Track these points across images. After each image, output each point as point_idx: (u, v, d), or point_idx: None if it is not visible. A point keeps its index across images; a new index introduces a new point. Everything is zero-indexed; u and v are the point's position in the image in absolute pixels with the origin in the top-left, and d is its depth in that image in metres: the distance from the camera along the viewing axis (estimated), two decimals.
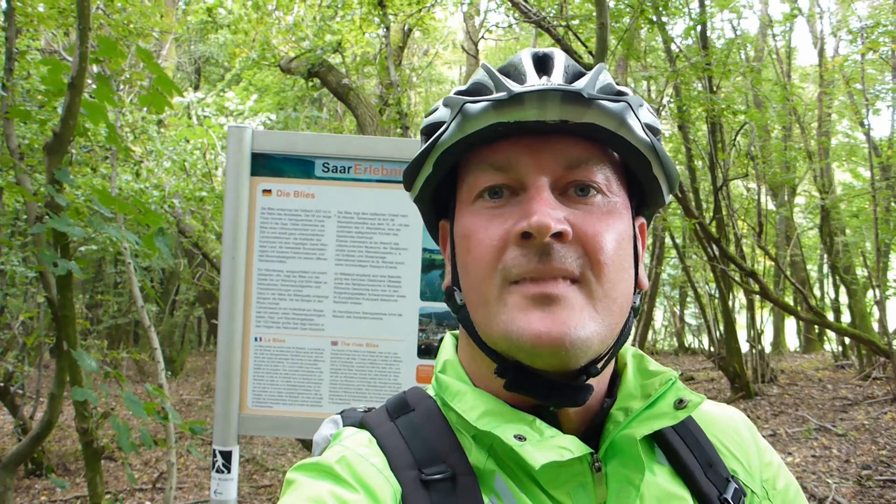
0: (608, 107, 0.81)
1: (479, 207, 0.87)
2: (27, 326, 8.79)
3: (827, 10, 21.54)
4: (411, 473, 0.83)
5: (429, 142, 0.90)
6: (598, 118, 0.81)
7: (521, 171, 0.84)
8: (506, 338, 0.82)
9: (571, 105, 0.80)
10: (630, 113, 0.83)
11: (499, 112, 0.81)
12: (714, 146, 10.35)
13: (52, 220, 3.01)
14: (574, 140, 0.85)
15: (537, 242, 0.80)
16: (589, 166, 0.85)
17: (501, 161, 0.85)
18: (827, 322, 10.91)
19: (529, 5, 8.32)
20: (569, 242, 0.81)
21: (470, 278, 0.87)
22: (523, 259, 0.81)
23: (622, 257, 0.85)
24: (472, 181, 0.89)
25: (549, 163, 0.84)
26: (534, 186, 0.83)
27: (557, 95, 0.79)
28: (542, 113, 0.80)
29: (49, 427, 3.93)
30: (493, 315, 0.84)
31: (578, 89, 0.79)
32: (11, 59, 3.97)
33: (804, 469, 7.03)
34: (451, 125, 0.86)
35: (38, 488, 7.32)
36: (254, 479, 7.84)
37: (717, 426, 1.01)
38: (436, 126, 0.91)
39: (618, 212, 0.86)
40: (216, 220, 8.98)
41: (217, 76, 18.00)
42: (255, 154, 2.37)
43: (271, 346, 2.37)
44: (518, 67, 0.89)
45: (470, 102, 0.83)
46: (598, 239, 0.82)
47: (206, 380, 14.41)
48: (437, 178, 0.93)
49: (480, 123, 0.83)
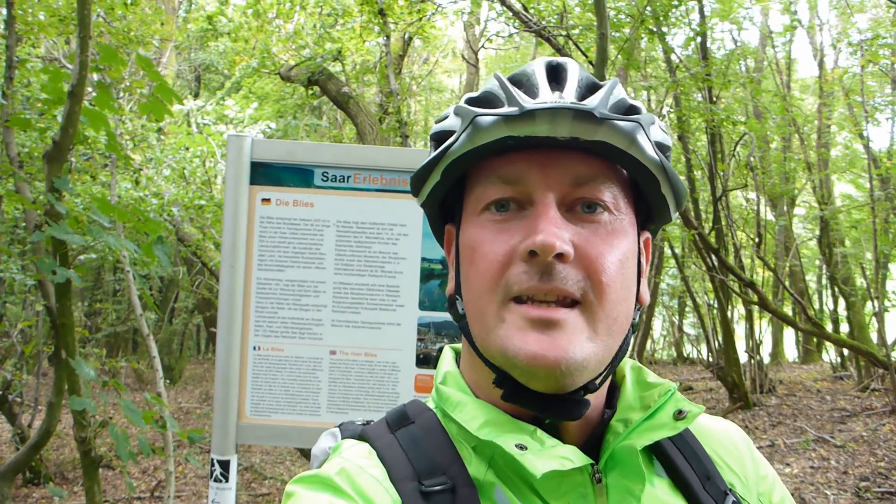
0: (619, 126, 0.81)
1: (485, 220, 0.87)
2: (26, 334, 8.77)
3: (827, 22, 21.60)
4: (411, 485, 0.82)
5: (438, 150, 0.89)
6: (609, 136, 0.81)
7: (530, 186, 0.84)
8: (502, 354, 0.82)
9: (583, 123, 0.80)
10: (641, 132, 0.82)
11: (510, 126, 0.81)
12: (713, 157, 10.36)
13: (52, 228, 3.01)
14: (583, 156, 0.84)
15: (540, 261, 0.80)
16: (597, 184, 0.85)
17: (510, 174, 0.85)
18: (825, 333, 10.92)
19: (530, 15, 8.34)
20: (571, 263, 0.81)
21: (472, 290, 0.88)
22: (525, 276, 0.81)
23: (625, 277, 0.85)
24: (479, 192, 0.89)
25: (557, 179, 0.83)
26: (541, 203, 0.82)
27: (569, 114, 0.79)
28: (553, 129, 0.80)
29: (47, 436, 3.93)
30: (491, 329, 0.84)
31: (590, 108, 0.79)
32: (12, 67, 3.97)
33: (802, 480, 7.02)
34: (462, 136, 0.85)
35: (35, 497, 7.30)
36: (252, 488, 7.82)
37: (715, 439, 1.01)
38: (445, 134, 0.91)
39: (623, 231, 0.86)
40: (215, 229, 8.98)
41: (217, 84, 18.01)
42: (254, 163, 2.37)
43: (270, 355, 2.36)
44: (531, 79, 0.88)
45: (481, 115, 0.83)
46: (601, 260, 0.82)
47: (204, 388, 14.39)
48: (446, 186, 0.93)
49: (491, 136, 0.83)
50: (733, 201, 13.96)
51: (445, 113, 0.94)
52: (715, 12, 10.54)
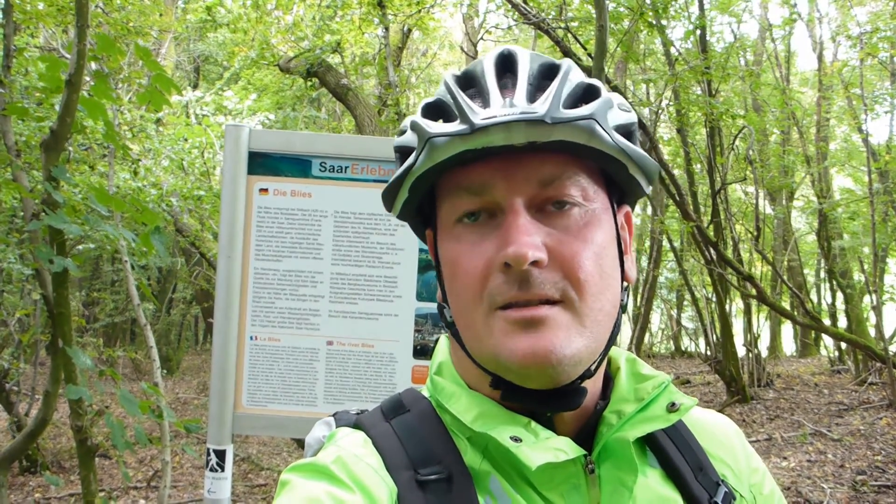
0: (574, 124, 0.80)
1: (459, 232, 0.87)
2: (23, 323, 8.77)
3: (826, 15, 21.53)
4: (407, 474, 0.83)
5: (401, 169, 0.89)
6: (566, 135, 0.80)
7: (496, 194, 0.83)
8: (495, 360, 0.83)
9: (536, 128, 0.79)
10: (596, 125, 0.81)
11: (465, 141, 0.81)
12: (712, 150, 10.35)
13: (49, 217, 3.00)
14: (546, 156, 0.84)
15: (516, 270, 0.80)
16: (563, 181, 0.84)
17: (475, 184, 0.85)
18: (823, 327, 10.91)
19: (529, 7, 8.32)
20: (548, 266, 0.81)
21: (457, 303, 0.88)
22: (505, 287, 0.81)
23: (605, 266, 0.85)
24: (449, 206, 0.88)
25: (522, 183, 0.83)
26: (511, 211, 0.82)
27: (521, 124, 0.79)
28: (509, 138, 0.80)
29: (43, 424, 3.93)
30: (481, 338, 0.84)
31: (540, 116, 0.79)
32: (9, 56, 3.96)
33: (799, 474, 7.03)
34: (421, 154, 0.85)
35: (32, 485, 7.31)
36: (248, 478, 7.83)
37: (707, 431, 1.02)
38: (406, 149, 0.90)
39: (597, 220, 0.86)
40: (213, 219, 8.99)
41: (216, 75, 17.96)
42: (252, 153, 2.37)
43: (267, 346, 2.36)
44: (481, 81, 0.87)
45: (434, 136, 0.82)
46: (577, 259, 0.82)
47: (201, 378, 14.39)
48: (415, 200, 0.93)
49: (448, 152, 0.82)
50: (732, 195, 13.94)
51: (403, 126, 0.94)
52: (714, 5, 10.52)
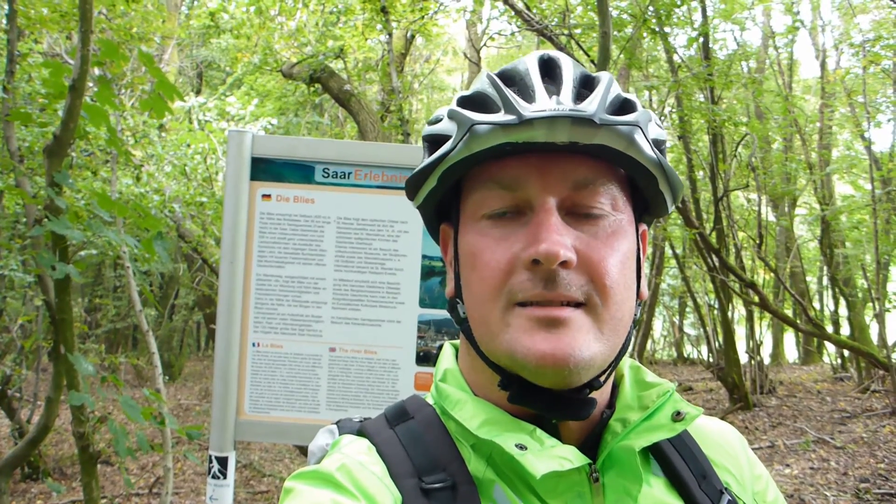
0: (618, 129, 0.80)
1: (485, 227, 0.86)
2: (25, 329, 8.78)
3: (829, 23, 21.58)
4: (411, 482, 0.82)
5: (434, 156, 0.88)
6: (608, 139, 0.80)
7: (529, 192, 0.83)
8: (510, 357, 0.82)
9: (581, 128, 0.79)
10: (639, 132, 0.82)
11: (507, 133, 0.81)
12: (715, 157, 10.36)
13: (52, 222, 3.00)
14: (582, 159, 0.84)
15: (544, 269, 0.80)
16: (596, 186, 0.84)
17: (509, 179, 0.85)
18: (826, 334, 10.91)
19: (532, 14, 8.33)
20: (574, 268, 0.81)
21: (474, 297, 0.87)
22: (529, 284, 0.81)
23: (626, 277, 0.85)
24: (478, 198, 0.88)
25: (556, 183, 0.83)
26: (542, 209, 0.82)
27: (567, 121, 0.79)
28: (552, 135, 0.80)
29: (45, 431, 3.93)
30: (496, 334, 0.84)
31: (589, 115, 0.79)
32: (13, 61, 3.97)
33: (802, 481, 7.01)
34: (459, 143, 0.84)
35: (34, 492, 7.31)
36: (250, 485, 7.82)
37: (711, 439, 1.01)
38: (439, 138, 0.90)
39: (623, 230, 0.86)
40: (216, 225, 8.98)
41: (219, 81, 17.98)
42: (255, 159, 2.36)
43: (269, 352, 2.36)
44: (525, 79, 0.87)
45: (479, 124, 0.82)
46: (604, 264, 0.82)
47: (204, 385, 14.40)
48: (442, 190, 0.92)
49: (488, 143, 0.82)
50: (734, 202, 13.96)
51: (438, 115, 0.93)
52: (717, 13, 10.53)
